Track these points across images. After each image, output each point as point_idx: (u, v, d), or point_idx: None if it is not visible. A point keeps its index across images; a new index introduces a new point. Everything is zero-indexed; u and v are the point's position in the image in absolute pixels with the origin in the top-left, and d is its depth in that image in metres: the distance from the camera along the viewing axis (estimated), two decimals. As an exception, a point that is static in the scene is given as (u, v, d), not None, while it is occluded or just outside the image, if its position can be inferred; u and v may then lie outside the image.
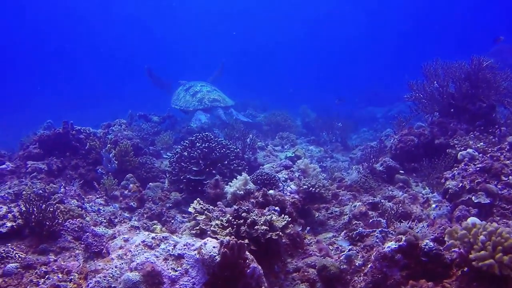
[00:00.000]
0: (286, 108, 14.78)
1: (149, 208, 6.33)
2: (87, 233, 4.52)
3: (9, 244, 4.81)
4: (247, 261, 3.71)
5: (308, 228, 5.38)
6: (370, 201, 6.03)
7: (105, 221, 5.18)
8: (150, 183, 7.18)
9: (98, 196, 6.69)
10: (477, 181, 6.01)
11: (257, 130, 11.45)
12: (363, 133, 14.42)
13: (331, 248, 4.97)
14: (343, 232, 5.56)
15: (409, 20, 50.19)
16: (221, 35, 52.35)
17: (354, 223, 5.46)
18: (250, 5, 52.98)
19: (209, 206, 4.81)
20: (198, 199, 4.94)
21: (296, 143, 10.48)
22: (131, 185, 6.83)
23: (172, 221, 6.13)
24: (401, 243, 3.89)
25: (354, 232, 5.03)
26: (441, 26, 48.95)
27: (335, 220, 6.07)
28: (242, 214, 4.34)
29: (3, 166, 7.53)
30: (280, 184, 5.84)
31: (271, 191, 5.10)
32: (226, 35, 52.41)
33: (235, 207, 4.43)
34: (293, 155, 8.12)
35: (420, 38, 48.53)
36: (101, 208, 6.25)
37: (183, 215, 6.38)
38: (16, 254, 4.52)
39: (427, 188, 7.02)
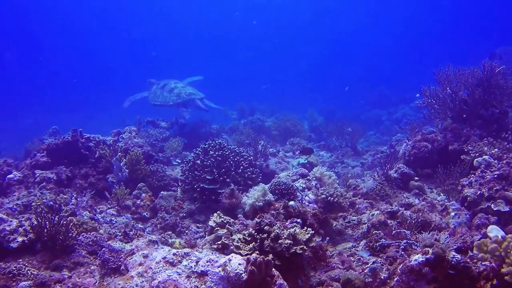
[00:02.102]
0: (292, 111, 14.68)
1: (162, 218, 6.19)
2: (104, 248, 4.38)
3: (20, 260, 4.66)
4: (274, 277, 3.58)
5: (327, 238, 5.24)
6: (389, 209, 5.92)
7: (120, 234, 5.04)
8: (162, 192, 7.04)
9: (109, 206, 6.55)
10: (495, 188, 5.93)
11: (265, 135, 11.33)
12: (369, 137, 14.31)
13: (352, 259, 4.84)
14: (362, 242, 5.45)
15: (413, 23, 50.04)
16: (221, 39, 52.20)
17: (373, 232, 5.36)
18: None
19: (229, 219, 4.66)
20: (218, 212, 4.80)
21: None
22: (143, 194, 6.70)
23: (187, 232, 6.00)
24: (428, 256, 3.83)
25: (377, 244, 4.92)
26: (445, 28, 48.83)
27: (353, 229, 5.95)
28: (265, 228, 4.20)
29: (11, 175, 7.37)
30: (298, 194, 5.70)
31: (291, 202, 4.96)
32: (226, 39, 52.29)
33: (257, 220, 4.29)
34: (306, 161, 7.99)
35: (424, 40, 48.39)
36: (113, 219, 6.11)
37: (197, 225, 6.25)
38: (29, 271, 4.37)
39: (442, 194, 6.90)
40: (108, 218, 6.07)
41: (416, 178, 7.41)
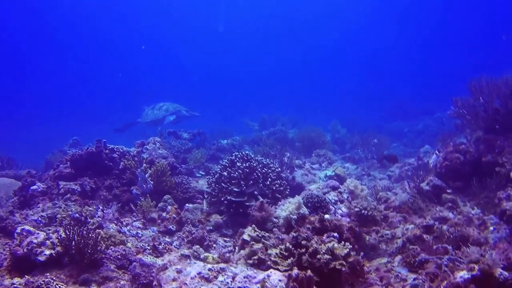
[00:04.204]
0: (313, 123, 14.50)
1: (189, 232, 6.02)
2: (134, 263, 4.22)
3: (48, 274, 4.54)
4: (315, 295, 3.38)
5: (362, 253, 5.02)
6: (424, 224, 5.67)
7: (148, 247, 4.89)
8: (188, 204, 6.88)
9: (135, 219, 6.42)
10: (536, 202, 5.65)
11: (288, 146, 11.15)
12: (393, 149, 14.00)
13: (390, 276, 4.61)
14: (397, 257, 5.21)
15: (431, 31, 49.47)
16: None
17: (410, 247, 5.13)
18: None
19: (264, 233, 4.48)
20: (253, 226, 4.62)
21: (333, 160, 10.11)
22: (169, 207, 6.55)
23: (214, 246, 5.83)
24: (474, 273, 3.65)
25: (415, 259, 4.68)
26: (466, 37, 48.12)
27: (387, 243, 5.71)
28: (302, 242, 4.01)
29: (34, 187, 7.30)
30: (331, 207, 5.49)
31: (327, 216, 4.76)
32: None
33: (294, 234, 4.10)
34: (333, 173, 7.78)
35: (443, 49, 47.80)
36: (139, 232, 5.97)
37: (225, 239, 6.07)
38: (57, 285, 4.23)
39: (476, 208, 6.64)
40: (134, 231, 5.93)
41: (449, 190, 7.15)
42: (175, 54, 52.58)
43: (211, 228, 6.26)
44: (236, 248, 5.23)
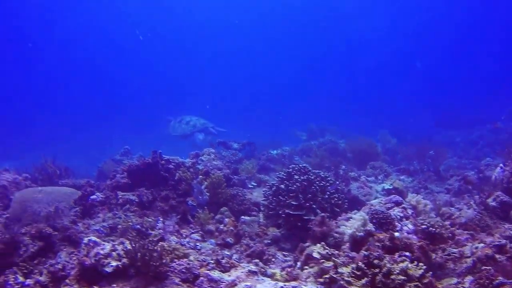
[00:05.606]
0: (364, 134, 14.19)
1: (246, 245, 5.97)
2: (201, 277, 4.19)
3: (114, 285, 4.60)
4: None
5: (430, 273, 4.80)
6: (496, 243, 5.37)
7: (212, 261, 4.85)
8: (244, 217, 6.83)
9: (193, 231, 6.43)
10: None
11: (340, 157, 10.95)
12: (447, 160, 13.50)
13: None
14: (468, 278, 4.94)
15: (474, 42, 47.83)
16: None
17: (482, 268, 4.86)
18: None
19: (334, 251, 4.36)
20: (322, 243, 4.51)
21: (389, 173, 9.84)
22: (226, 219, 6.53)
23: (273, 260, 5.74)
24: None
25: (492, 282, 4.42)
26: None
27: (454, 262, 5.43)
28: (374, 262, 3.86)
29: (94, 196, 7.45)
30: (397, 224, 5.30)
31: (397, 234, 4.58)
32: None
33: (365, 253, 3.96)
34: (391, 187, 7.55)
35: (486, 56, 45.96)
36: (198, 244, 5.96)
37: (284, 253, 5.97)
38: (125, 297, 4.27)
39: (549, 226, 6.23)
40: (193, 244, 5.93)
41: (517, 207, 6.77)
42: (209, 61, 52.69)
43: (269, 241, 6.18)
44: (298, 263, 5.13)
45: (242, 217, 6.90)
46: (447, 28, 48.50)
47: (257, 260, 5.43)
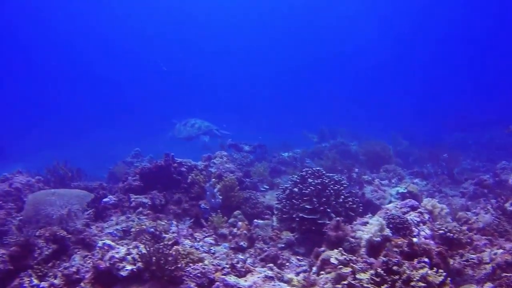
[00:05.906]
0: (374, 136, 14.08)
1: (260, 249, 5.92)
2: (217, 282, 4.15)
3: (130, 289, 4.58)
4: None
5: (449, 279, 4.72)
6: (515, 249, 5.27)
7: (227, 266, 4.81)
8: (257, 221, 6.78)
9: (206, 234, 6.40)
10: None
11: (352, 160, 10.87)
12: (460, 163, 13.33)
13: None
14: (487, 285, 4.86)
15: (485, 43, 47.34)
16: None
17: (502, 275, 4.77)
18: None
19: (352, 257, 4.30)
20: (340, 248, 4.45)
21: (403, 176, 9.74)
22: (239, 222, 6.48)
23: (287, 264, 5.69)
24: None
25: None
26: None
27: (473, 269, 5.35)
28: (393, 268, 3.80)
29: (106, 199, 7.45)
30: (414, 229, 5.23)
31: (415, 239, 4.51)
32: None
33: (384, 259, 3.90)
34: (406, 190, 7.47)
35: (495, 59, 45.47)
36: (212, 248, 5.94)
37: (298, 257, 5.91)
38: (140, 301, 4.24)
39: None
40: (207, 247, 5.90)
41: (534, 211, 6.65)
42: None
43: (283, 245, 6.12)
44: (314, 268, 5.07)
45: (255, 220, 6.85)
46: (457, 29, 48.28)
47: (271, 264, 5.39)
